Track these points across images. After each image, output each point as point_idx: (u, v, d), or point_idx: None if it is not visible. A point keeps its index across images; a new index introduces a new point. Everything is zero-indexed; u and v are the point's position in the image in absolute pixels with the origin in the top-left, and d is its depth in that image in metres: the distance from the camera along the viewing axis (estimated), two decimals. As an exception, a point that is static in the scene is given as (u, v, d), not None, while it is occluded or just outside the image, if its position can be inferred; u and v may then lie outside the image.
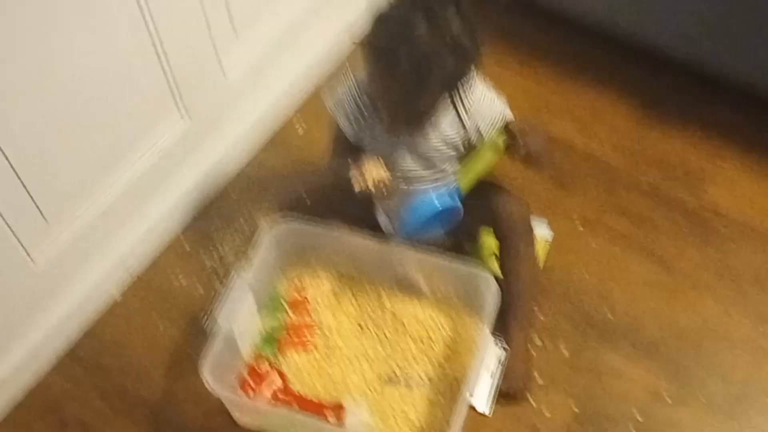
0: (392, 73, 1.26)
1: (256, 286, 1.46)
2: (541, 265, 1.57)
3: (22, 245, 1.38)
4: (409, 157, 1.43)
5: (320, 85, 1.88)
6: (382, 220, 1.57)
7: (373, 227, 1.54)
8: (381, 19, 1.28)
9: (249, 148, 1.78)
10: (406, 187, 1.45)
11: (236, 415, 1.42)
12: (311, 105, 1.86)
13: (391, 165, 1.42)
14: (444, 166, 1.45)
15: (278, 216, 1.67)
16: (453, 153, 1.43)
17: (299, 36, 1.80)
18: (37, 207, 1.38)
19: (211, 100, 1.63)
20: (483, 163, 1.36)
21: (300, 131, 1.82)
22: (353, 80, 1.42)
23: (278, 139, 1.81)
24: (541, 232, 1.62)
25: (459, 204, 1.37)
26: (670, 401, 1.44)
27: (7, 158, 1.28)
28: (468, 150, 1.43)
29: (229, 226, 1.69)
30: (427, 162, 1.44)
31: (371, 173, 1.36)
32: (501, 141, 1.32)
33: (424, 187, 1.45)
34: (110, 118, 1.44)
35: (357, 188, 1.36)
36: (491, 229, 1.49)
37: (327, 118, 1.47)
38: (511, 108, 1.43)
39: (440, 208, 1.36)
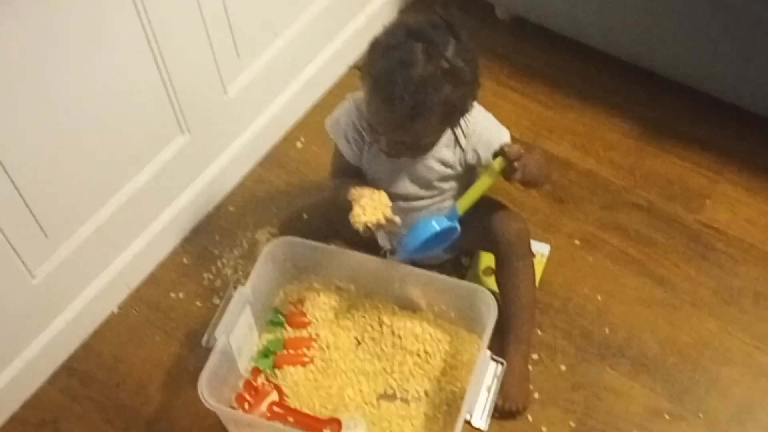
0: (389, 99, 1.26)
1: (254, 300, 1.46)
2: (538, 280, 1.57)
3: (21, 260, 1.38)
4: (407, 178, 1.44)
5: (319, 101, 1.89)
6: (381, 237, 1.57)
7: (371, 244, 1.55)
8: (378, 45, 1.29)
9: (248, 163, 1.79)
10: (403, 211, 1.46)
11: (232, 429, 1.42)
12: (310, 121, 1.87)
13: (388, 187, 1.43)
14: (441, 186, 1.45)
15: (277, 231, 1.68)
16: (450, 172, 1.43)
17: (299, 54, 1.81)
18: (37, 222, 1.38)
19: (212, 115, 1.64)
20: (481, 186, 1.37)
21: (299, 146, 1.83)
22: (352, 103, 1.42)
23: (277, 155, 1.82)
24: (537, 247, 1.62)
25: (457, 225, 1.38)
26: (668, 418, 1.43)
27: (7, 173, 1.28)
28: (465, 170, 1.44)
29: (227, 241, 1.69)
30: (424, 182, 1.44)
31: (372, 214, 1.35)
32: (498, 165, 1.32)
33: (421, 207, 1.46)
34: (112, 134, 1.45)
35: (358, 228, 1.35)
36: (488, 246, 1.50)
37: (326, 134, 1.47)
38: (510, 125, 1.43)
39: (438, 230, 1.38)
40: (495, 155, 1.34)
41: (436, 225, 1.38)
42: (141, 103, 1.47)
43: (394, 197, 1.46)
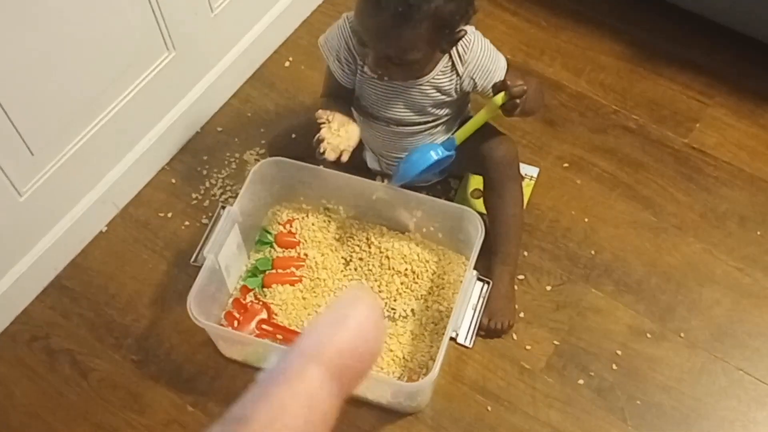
0: (378, 4, 1.23)
1: (243, 220, 1.46)
2: (526, 202, 1.58)
3: (7, 178, 1.38)
4: (401, 103, 1.42)
5: (307, 19, 1.86)
6: (370, 158, 1.57)
7: (360, 165, 1.54)
8: None
9: (235, 82, 1.76)
10: (397, 136, 1.46)
11: (221, 346, 1.44)
12: (298, 39, 1.84)
13: (382, 111, 1.42)
14: (436, 112, 1.44)
15: (265, 152, 1.67)
16: (445, 98, 1.42)
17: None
18: (23, 140, 1.37)
19: (198, 32, 1.61)
20: (480, 119, 1.38)
21: (287, 65, 1.81)
22: (345, 22, 1.39)
23: (265, 74, 1.79)
24: (525, 169, 1.62)
25: (454, 153, 1.40)
26: (650, 337, 1.46)
27: (-9, 91, 1.27)
28: (460, 96, 1.43)
29: (215, 161, 1.68)
30: (419, 107, 1.43)
31: (336, 139, 1.34)
32: (499, 99, 1.32)
33: (415, 132, 1.45)
34: (96, 52, 1.42)
35: (319, 148, 1.34)
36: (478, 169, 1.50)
37: (314, 54, 1.45)
38: (503, 46, 1.42)
39: (436, 159, 1.40)
40: (496, 90, 1.33)
41: (434, 155, 1.40)
42: (126, 19, 1.44)
43: (387, 122, 1.45)
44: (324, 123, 1.35)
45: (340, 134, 1.35)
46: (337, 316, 0.35)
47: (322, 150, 1.34)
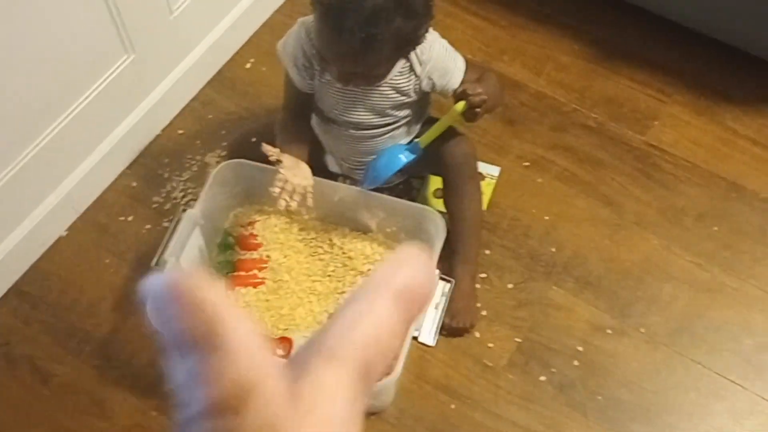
0: (339, 30, 1.23)
1: (205, 223, 1.45)
2: (487, 201, 1.59)
3: (-35, 183, 1.36)
4: (361, 106, 1.43)
5: (268, 21, 1.86)
6: (331, 162, 1.57)
7: (321, 168, 1.54)
8: None
9: (196, 84, 1.76)
10: (357, 140, 1.46)
11: (184, 349, 1.43)
12: (259, 41, 1.83)
13: (342, 115, 1.42)
14: (395, 113, 1.44)
15: (226, 154, 1.66)
16: (404, 99, 1.42)
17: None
18: (-19, 144, 1.36)
19: (157, 34, 1.60)
20: (442, 125, 1.40)
21: (248, 66, 1.80)
22: (302, 28, 1.38)
23: (226, 76, 1.79)
24: (486, 169, 1.63)
25: (419, 155, 1.43)
26: (610, 332, 1.48)
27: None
28: (419, 97, 1.43)
29: (176, 164, 1.67)
30: (379, 110, 1.43)
31: (291, 186, 1.35)
32: (460, 107, 1.33)
33: (375, 135, 1.46)
34: (53, 54, 1.41)
35: (280, 204, 1.35)
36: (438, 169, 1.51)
37: (275, 55, 1.45)
38: (463, 46, 1.43)
39: (405, 162, 1.43)
40: (456, 98, 1.34)
41: (403, 158, 1.43)
42: (83, 22, 1.43)
43: (348, 125, 1.45)
44: (272, 158, 1.35)
45: (296, 174, 1.35)
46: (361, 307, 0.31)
47: (285, 198, 1.34)
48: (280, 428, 0.29)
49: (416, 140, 1.44)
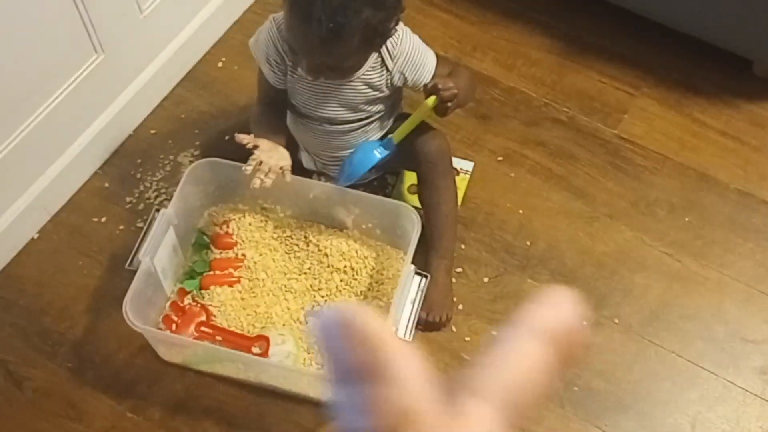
0: (308, 20, 1.23)
1: (179, 222, 1.45)
2: (461, 196, 1.60)
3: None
4: (334, 102, 1.43)
5: (239, 19, 1.85)
6: (305, 158, 1.57)
7: (296, 164, 1.54)
8: None
9: (167, 84, 1.75)
10: (331, 135, 1.46)
11: (161, 350, 1.42)
12: (230, 40, 1.83)
13: (315, 110, 1.42)
14: (368, 109, 1.44)
15: (199, 154, 1.65)
16: (377, 94, 1.43)
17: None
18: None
19: (127, 34, 1.59)
20: (414, 120, 1.41)
21: (220, 65, 1.80)
22: (273, 24, 1.39)
23: (197, 75, 1.78)
24: (460, 164, 1.64)
25: (393, 150, 1.44)
26: (585, 323, 1.48)
27: None
28: (392, 92, 1.43)
29: (149, 164, 1.66)
30: (351, 105, 1.43)
31: (266, 164, 1.35)
32: (431, 102, 1.34)
33: (349, 130, 1.46)
34: (21, 54, 1.40)
35: (254, 183, 1.35)
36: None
37: (247, 54, 1.45)
38: (435, 43, 1.44)
39: (380, 158, 1.43)
40: (427, 93, 1.35)
41: (377, 153, 1.44)
42: (51, 21, 1.42)
43: (321, 121, 1.45)
44: (249, 145, 1.35)
45: (272, 156, 1.35)
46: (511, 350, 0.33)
47: (260, 177, 1.33)
48: None
49: (390, 136, 1.44)
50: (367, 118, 1.46)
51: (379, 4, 1.26)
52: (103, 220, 1.60)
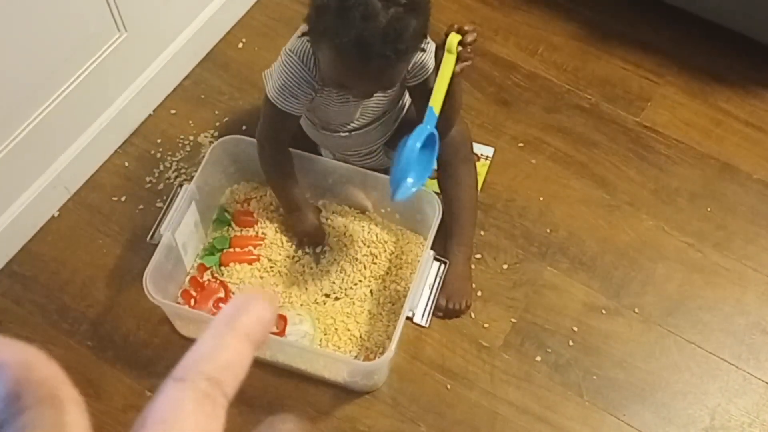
0: (366, 60, 1.18)
1: (201, 198, 1.45)
2: (481, 182, 1.59)
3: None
4: (358, 113, 1.42)
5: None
6: (325, 153, 1.55)
7: (316, 152, 1.54)
8: (327, 8, 1.17)
9: (188, 63, 1.74)
10: (352, 138, 1.45)
11: (178, 324, 1.42)
12: (251, 20, 1.82)
13: (337, 123, 1.42)
14: (387, 109, 1.44)
15: (218, 135, 1.65)
16: (392, 92, 1.40)
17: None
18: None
19: (149, 13, 1.58)
20: (445, 74, 1.25)
21: (240, 46, 1.79)
22: (294, 59, 1.31)
23: (218, 55, 1.77)
24: (481, 150, 1.63)
25: (434, 129, 1.26)
26: (605, 313, 1.48)
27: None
28: (399, 88, 1.40)
29: (169, 144, 1.66)
30: (373, 112, 1.42)
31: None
32: (454, 40, 1.23)
33: (369, 131, 1.44)
34: (45, 33, 1.39)
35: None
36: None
37: (268, 34, 1.44)
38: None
39: (419, 146, 1.24)
40: (447, 33, 1.24)
41: (417, 144, 1.23)
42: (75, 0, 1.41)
43: (342, 130, 1.44)
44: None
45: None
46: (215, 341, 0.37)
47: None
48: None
49: (429, 106, 1.27)
50: (383, 114, 1.45)
51: (418, 8, 1.20)
52: (123, 199, 1.60)
